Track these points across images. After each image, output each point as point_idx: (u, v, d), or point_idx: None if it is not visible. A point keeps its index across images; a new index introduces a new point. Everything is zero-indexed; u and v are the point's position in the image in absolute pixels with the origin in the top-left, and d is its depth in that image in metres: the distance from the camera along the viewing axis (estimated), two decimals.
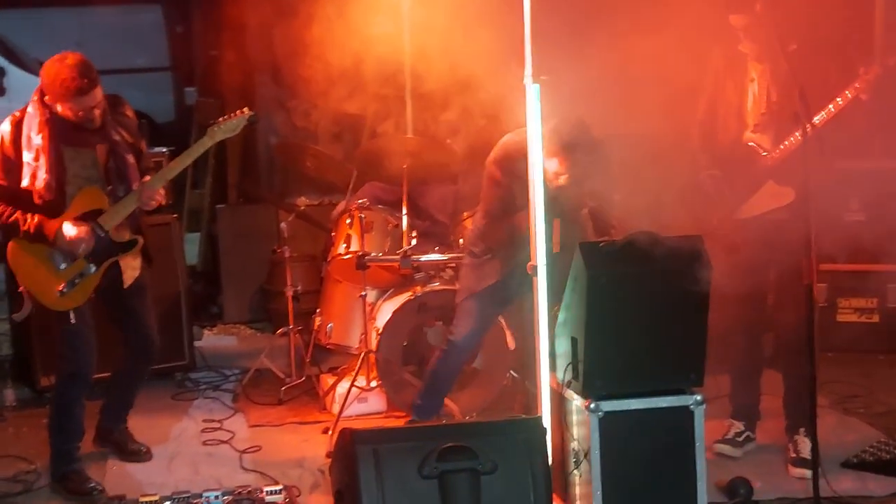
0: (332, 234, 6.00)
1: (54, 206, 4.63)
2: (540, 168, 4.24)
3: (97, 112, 4.62)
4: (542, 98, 4.18)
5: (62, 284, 4.66)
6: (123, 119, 4.84)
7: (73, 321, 4.67)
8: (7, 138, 4.61)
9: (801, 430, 4.87)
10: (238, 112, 4.90)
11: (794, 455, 4.84)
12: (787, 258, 4.69)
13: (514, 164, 4.57)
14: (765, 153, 4.76)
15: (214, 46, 8.56)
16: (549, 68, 4.28)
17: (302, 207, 6.72)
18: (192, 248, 8.21)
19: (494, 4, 5.96)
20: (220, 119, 4.88)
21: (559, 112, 4.80)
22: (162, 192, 4.80)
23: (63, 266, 4.66)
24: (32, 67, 10.09)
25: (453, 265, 5.67)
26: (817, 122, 4.39)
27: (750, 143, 4.83)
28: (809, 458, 4.57)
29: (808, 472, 4.45)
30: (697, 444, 4.04)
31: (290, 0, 7.57)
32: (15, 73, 10.41)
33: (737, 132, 4.88)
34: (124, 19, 11.58)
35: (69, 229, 4.59)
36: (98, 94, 4.59)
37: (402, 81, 7.68)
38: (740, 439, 5.02)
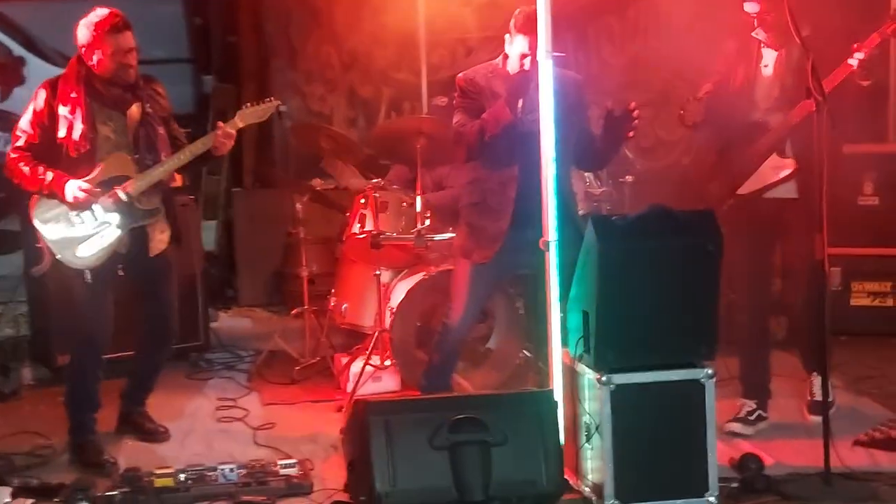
0: (348, 214, 6.03)
1: (87, 159, 4.67)
2: (553, 146, 4.24)
3: (132, 58, 4.69)
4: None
5: (81, 242, 4.70)
6: (156, 96, 4.92)
7: (87, 279, 4.71)
8: (43, 96, 4.71)
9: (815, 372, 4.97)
10: (268, 100, 4.97)
11: (810, 398, 4.96)
12: (797, 233, 4.71)
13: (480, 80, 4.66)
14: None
15: (232, 32, 8.61)
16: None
17: (317, 189, 6.74)
18: (208, 233, 8.22)
19: None
20: (250, 104, 4.94)
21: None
22: (233, 133, 4.83)
23: (83, 223, 4.70)
24: (52, 57, 10.14)
25: None
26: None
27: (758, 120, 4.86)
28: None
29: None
30: (708, 417, 4.05)
31: None
32: (34, 63, 10.43)
33: (745, 114, 4.88)
34: (143, 11, 11.62)
35: (72, 187, 4.61)
36: (131, 37, 4.69)
37: (417, 67, 7.74)
38: (752, 418, 5.01)
